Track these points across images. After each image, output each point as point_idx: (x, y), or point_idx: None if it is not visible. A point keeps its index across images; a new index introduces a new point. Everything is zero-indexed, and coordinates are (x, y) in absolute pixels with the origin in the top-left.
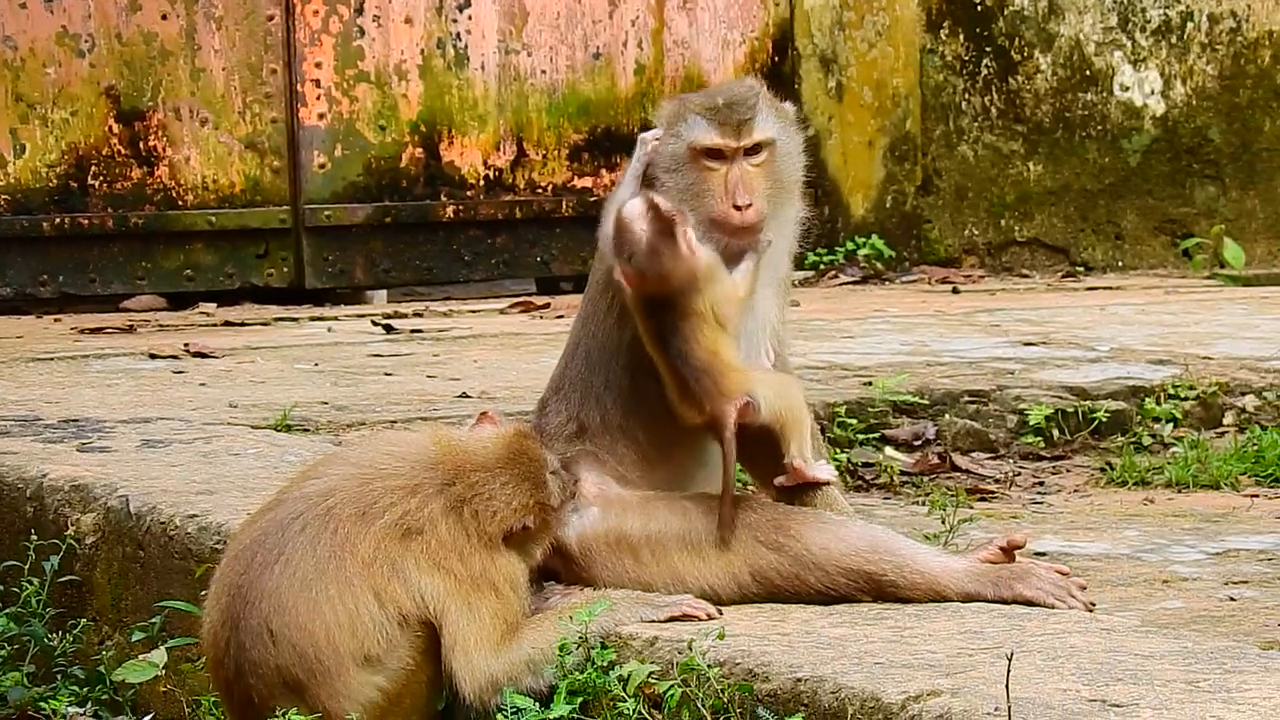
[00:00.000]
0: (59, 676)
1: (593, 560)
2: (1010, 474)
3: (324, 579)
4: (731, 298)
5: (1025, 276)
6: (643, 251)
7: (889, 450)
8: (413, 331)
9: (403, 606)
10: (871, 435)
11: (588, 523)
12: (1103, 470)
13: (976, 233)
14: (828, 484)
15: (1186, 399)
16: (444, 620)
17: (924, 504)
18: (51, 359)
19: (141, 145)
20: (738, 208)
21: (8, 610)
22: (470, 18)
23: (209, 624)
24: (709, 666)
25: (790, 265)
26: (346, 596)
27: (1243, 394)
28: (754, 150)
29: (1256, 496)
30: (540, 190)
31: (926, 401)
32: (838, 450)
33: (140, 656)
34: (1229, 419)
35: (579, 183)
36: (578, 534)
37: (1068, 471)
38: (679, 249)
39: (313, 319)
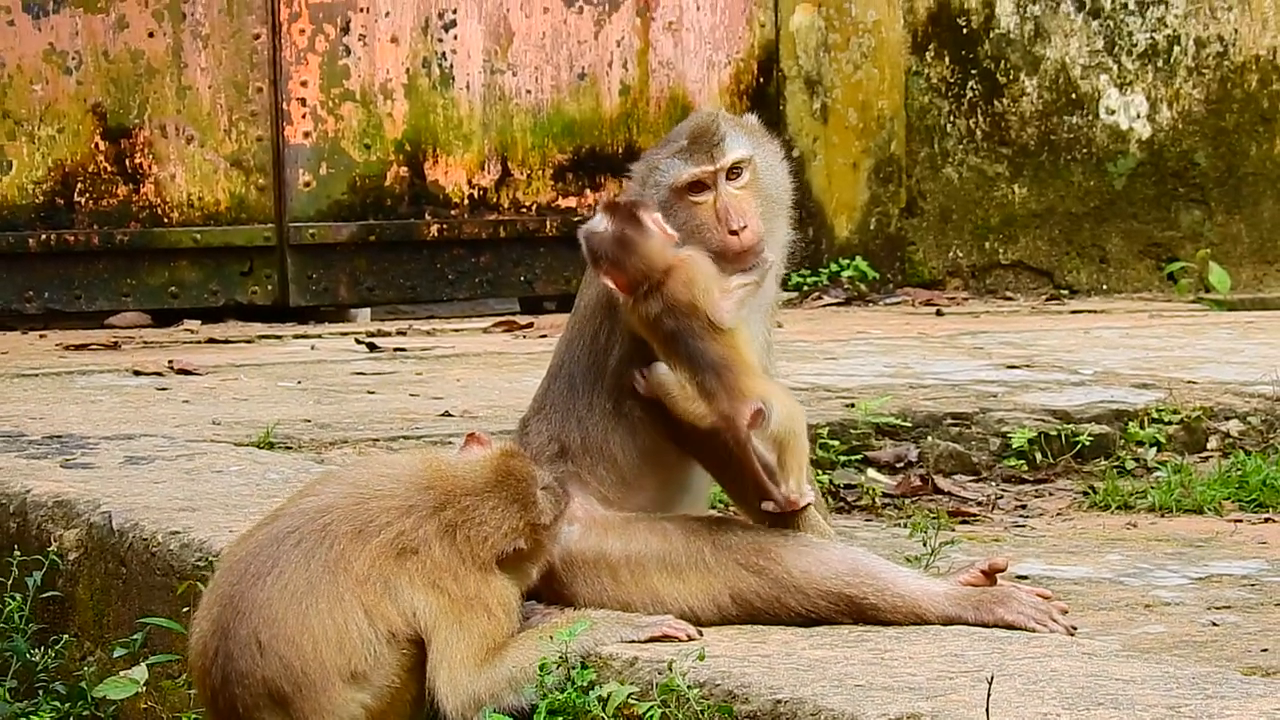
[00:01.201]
0: (41, 692)
1: (573, 579)
2: (993, 497)
3: (315, 593)
4: (720, 291)
5: (1009, 299)
6: (613, 244)
7: (871, 472)
8: (396, 350)
9: (392, 624)
10: (854, 457)
11: (569, 541)
12: (1085, 494)
13: (961, 255)
14: (809, 506)
15: (1170, 423)
16: (433, 637)
17: (906, 526)
18: (36, 375)
19: (128, 162)
20: (733, 232)
21: None
22: (456, 38)
23: (198, 633)
24: (689, 687)
25: (778, 288)
26: (336, 612)
27: (1227, 419)
28: (734, 172)
29: (1240, 521)
30: (524, 210)
31: (909, 424)
32: (820, 472)
33: (122, 673)
34: (1213, 443)
35: (563, 203)
36: (560, 552)
37: (1050, 495)
38: (646, 229)
39: (296, 337)
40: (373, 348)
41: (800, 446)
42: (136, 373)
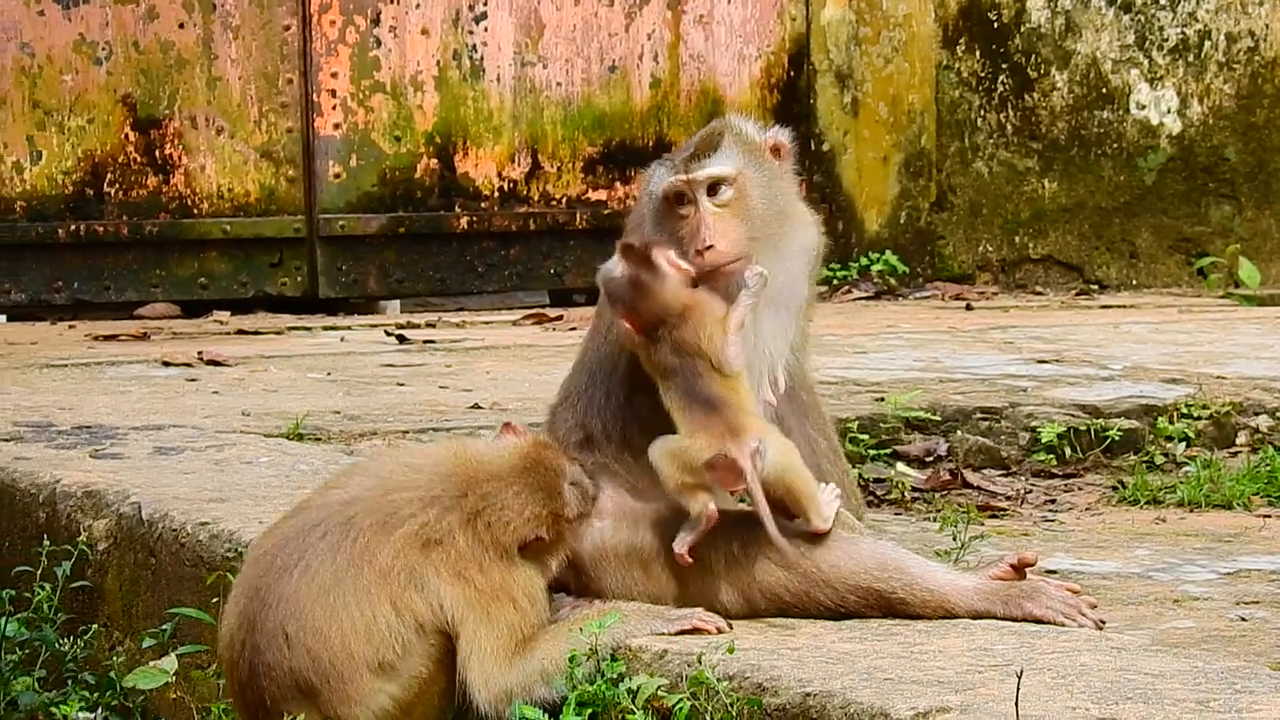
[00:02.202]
0: (70, 682)
1: (603, 572)
2: (1022, 491)
3: (342, 586)
4: (718, 331)
5: (1039, 294)
6: (628, 288)
7: (900, 466)
8: (425, 342)
9: (419, 615)
10: (883, 451)
11: (600, 535)
12: (1115, 489)
13: (990, 249)
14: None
15: (1199, 418)
16: (461, 630)
17: (935, 520)
18: (65, 365)
19: (157, 153)
20: (699, 252)
21: (20, 615)
22: (486, 30)
23: (226, 626)
24: (718, 680)
25: (807, 290)
26: (364, 604)
27: (1256, 414)
28: (714, 189)
29: (1269, 517)
30: (554, 202)
31: (939, 418)
32: (849, 465)
33: (151, 663)
34: (1242, 439)
35: (593, 195)
36: (591, 546)
37: (1080, 489)
38: (660, 272)
39: (326, 328)
40: (402, 340)
41: (803, 477)
42: (166, 363)
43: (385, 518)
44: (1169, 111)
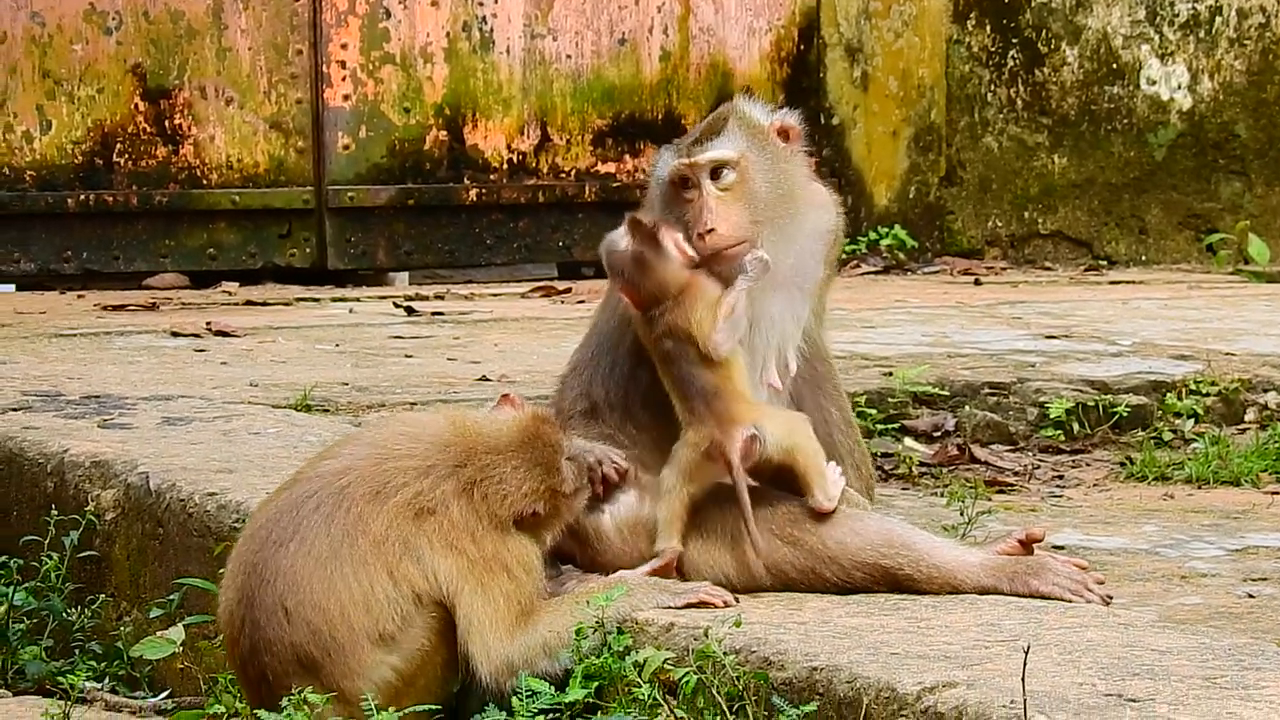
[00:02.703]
0: (77, 651)
1: (609, 545)
2: (1030, 467)
3: (339, 557)
4: (708, 316)
5: (1048, 269)
6: (630, 263)
7: (908, 441)
8: (434, 314)
9: (416, 585)
10: (891, 426)
11: (618, 508)
12: (1123, 465)
13: (1000, 224)
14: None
15: (1208, 395)
16: (458, 601)
17: (943, 495)
18: (74, 335)
19: (167, 123)
20: (700, 235)
21: (27, 584)
22: (496, 1)
23: (225, 602)
24: (725, 654)
25: (822, 271)
26: (361, 574)
27: (1265, 390)
28: (716, 173)
29: (1277, 494)
30: (563, 175)
31: (946, 393)
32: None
33: (158, 633)
34: (1250, 415)
35: (602, 168)
36: (601, 518)
37: (1087, 465)
38: (664, 252)
39: (334, 300)
40: (411, 311)
41: (810, 452)
42: (174, 334)
43: (379, 487)
44: (1179, 87)
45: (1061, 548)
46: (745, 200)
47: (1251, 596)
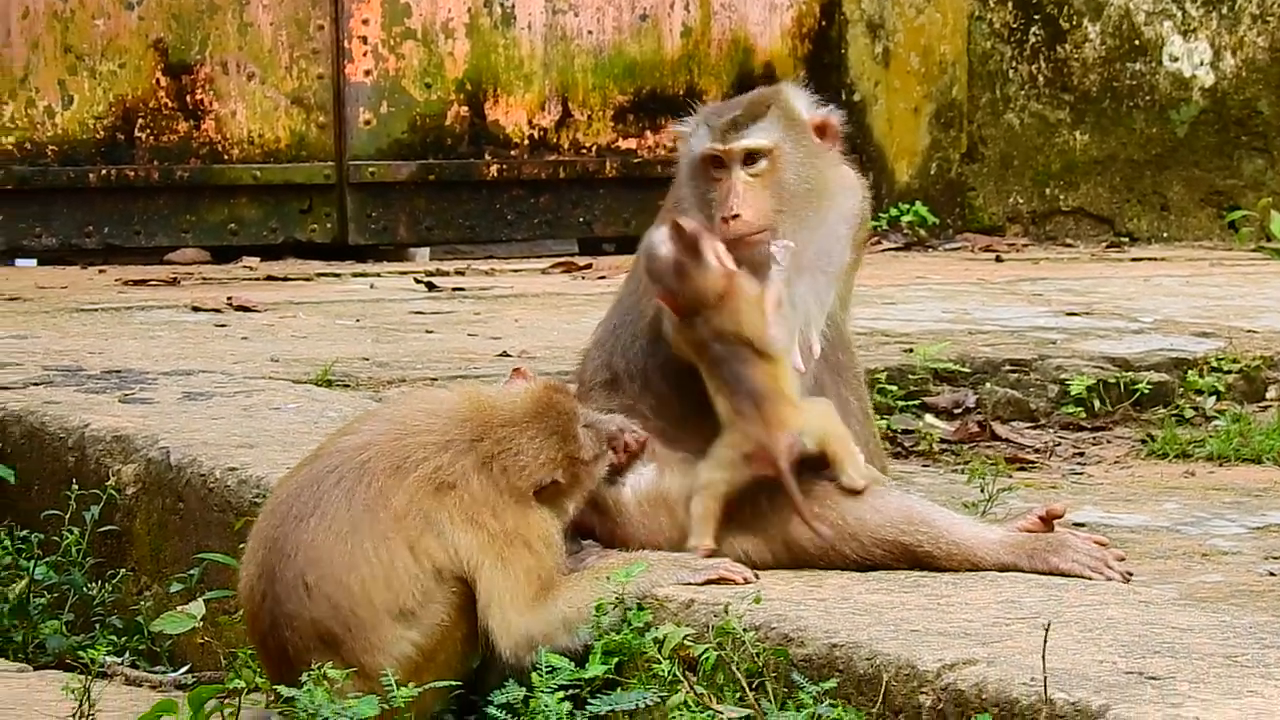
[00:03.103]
0: (97, 626)
1: (629, 518)
2: (1050, 444)
3: (359, 532)
4: (758, 314)
5: (1069, 246)
6: (670, 271)
7: (929, 418)
8: (454, 289)
9: (437, 560)
10: (911, 402)
11: (634, 481)
12: (1144, 442)
13: (1021, 201)
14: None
15: (1229, 372)
16: (478, 576)
17: (963, 472)
18: (95, 310)
19: (188, 99)
20: (725, 219)
21: (48, 559)
22: None
23: (245, 577)
24: (745, 630)
25: (848, 254)
26: (382, 549)
27: None
28: (750, 159)
29: None
30: (584, 151)
31: (967, 369)
32: (877, 417)
33: (179, 608)
34: (1272, 393)
35: (623, 144)
36: (618, 491)
37: (1108, 443)
38: (706, 262)
39: (355, 275)
40: (431, 287)
41: (841, 440)
42: (195, 309)
43: (399, 462)
44: (1202, 64)
45: (1082, 525)
46: (773, 189)
47: (1273, 574)
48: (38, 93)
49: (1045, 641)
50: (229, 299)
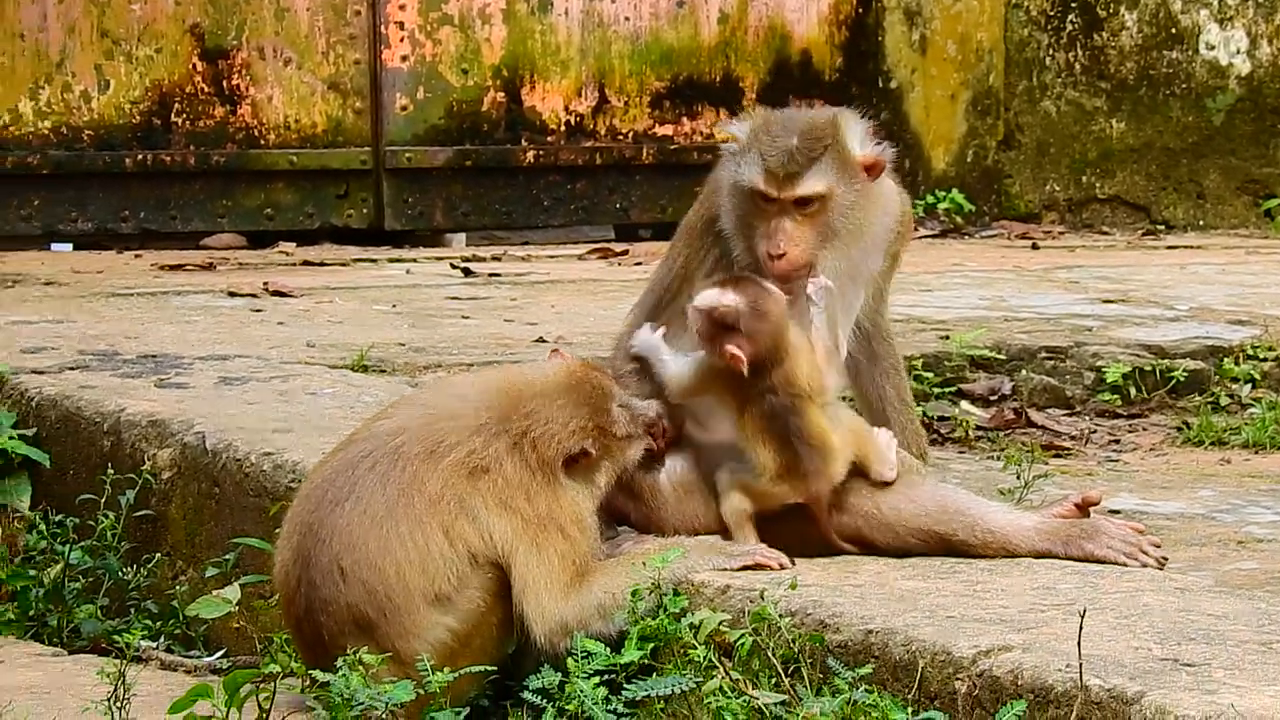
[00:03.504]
0: (132, 610)
1: (664, 504)
2: (1086, 431)
3: (394, 517)
4: (814, 366)
5: (1105, 234)
6: (747, 315)
7: (965, 405)
8: (491, 275)
9: (471, 545)
10: (948, 389)
11: (674, 467)
12: (1179, 429)
13: (1057, 189)
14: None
15: (1265, 360)
16: (513, 561)
17: (999, 459)
18: (131, 294)
19: (225, 84)
20: (772, 257)
21: (83, 543)
22: None
23: (280, 562)
24: (780, 616)
25: (882, 263)
26: (416, 534)
27: None
28: (803, 202)
29: None
30: (621, 137)
31: (1003, 357)
32: (915, 414)
33: (214, 592)
34: None
35: (660, 130)
36: (658, 477)
37: (1144, 430)
38: (778, 299)
39: (391, 260)
40: (468, 273)
41: (866, 440)
42: (231, 294)
43: (432, 446)
44: (1238, 52)
45: (1118, 512)
46: (819, 230)
47: None
48: (74, 77)
49: (1081, 628)
50: (265, 284)
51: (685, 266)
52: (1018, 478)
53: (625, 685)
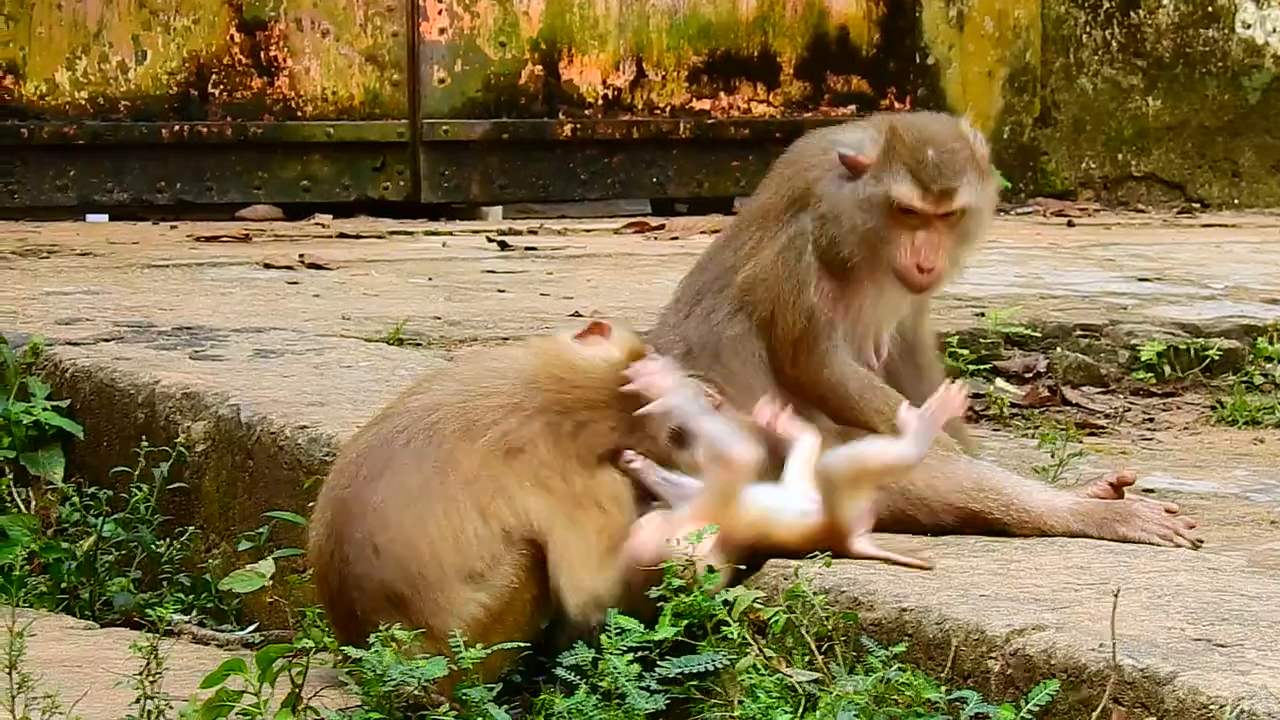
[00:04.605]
0: (165, 584)
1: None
2: (1120, 409)
3: (429, 494)
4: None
5: (1141, 211)
6: None
7: (999, 382)
8: (527, 249)
9: (506, 523)
10: (983, 366)
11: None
12: (1213, 408)
13: (1093, 166)
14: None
15: None
16: (550, 538)
17: (1034, 437)
18: (166, 266)
19: (262, 55)
20: (921, 269)
21: (116, 516)
22: None
23: (314, 538)
24: (814, 594)
25: None
26: (451, 512)
27: None
28: (949, 214)
29: None
30: (658, 111)
31: (1038, 334)
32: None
33: (248, 566)
34: None
35: (697, 105)
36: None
37: (1178, 409)
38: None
39: (428, 233)
40: (504, 246)
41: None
42: (267, 266)
43: (469, 425)
44: (1274, 31)
45: (1151, 491)
46: (959, 240)
47: None
48: (111, 47)
49: (1114, 608)
50: (301, 256)
51: (755, 248)
52: (1052, 456)
53: (659, 662)
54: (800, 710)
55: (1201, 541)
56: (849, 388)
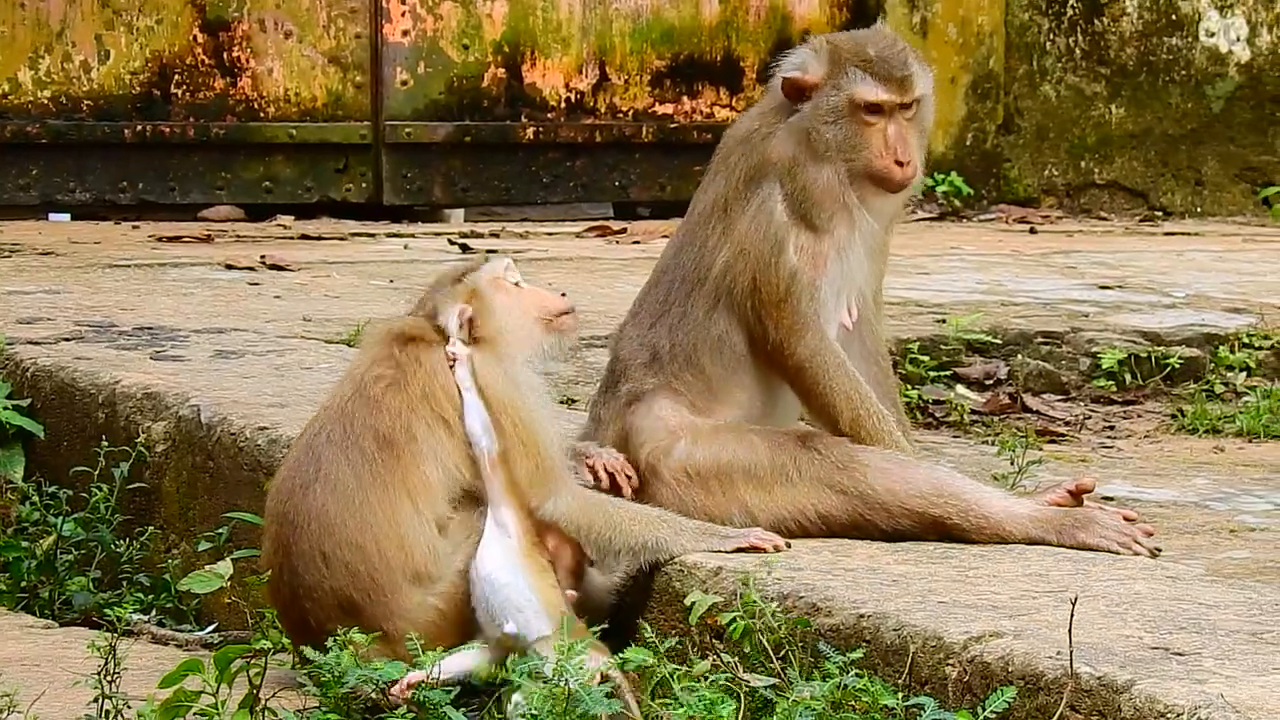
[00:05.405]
0: (124, 583)
1: (660, 487)
2: (1081, 417)
3: (364, 487)
4: None
5: (1103, 219)
6: None
7: (960, 389)
8: (489, 251)
9: (437, 512)
10: (943, 373)
11: (672, 455)
12: (1174, 417)
13: (1056, 173)
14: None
15: (1261, 348)
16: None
17: (993, 444)
18: (128, 266)
19: (225, 56)
20: (899, 164)
21: (76, 515)
22: None
23: (264, 552)
24: (770, 600)
25: (889, 233)
26: (384, 504)
27: None
28: (909, 105)
29: None
30: (621, 115)
31: (999, 341)
32: (909, 387)
33: (206, 567)
34: None
35: (660, 109)
36: (669, 463)
37: (1139, 417)
38: None
39: (389, 235)
40: (465, 249)
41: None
42: (229, 266)
43: (373, 405)
44: (1238, 40)
45: (1111, 499)
46: (919, 134)
47: None
48: (74, 47)
49: (1072, 615)
50: (262, 257)
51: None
52: (1011, 463)
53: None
54: (740, 711)
55: (1160, 550)
56: (825, 361)
